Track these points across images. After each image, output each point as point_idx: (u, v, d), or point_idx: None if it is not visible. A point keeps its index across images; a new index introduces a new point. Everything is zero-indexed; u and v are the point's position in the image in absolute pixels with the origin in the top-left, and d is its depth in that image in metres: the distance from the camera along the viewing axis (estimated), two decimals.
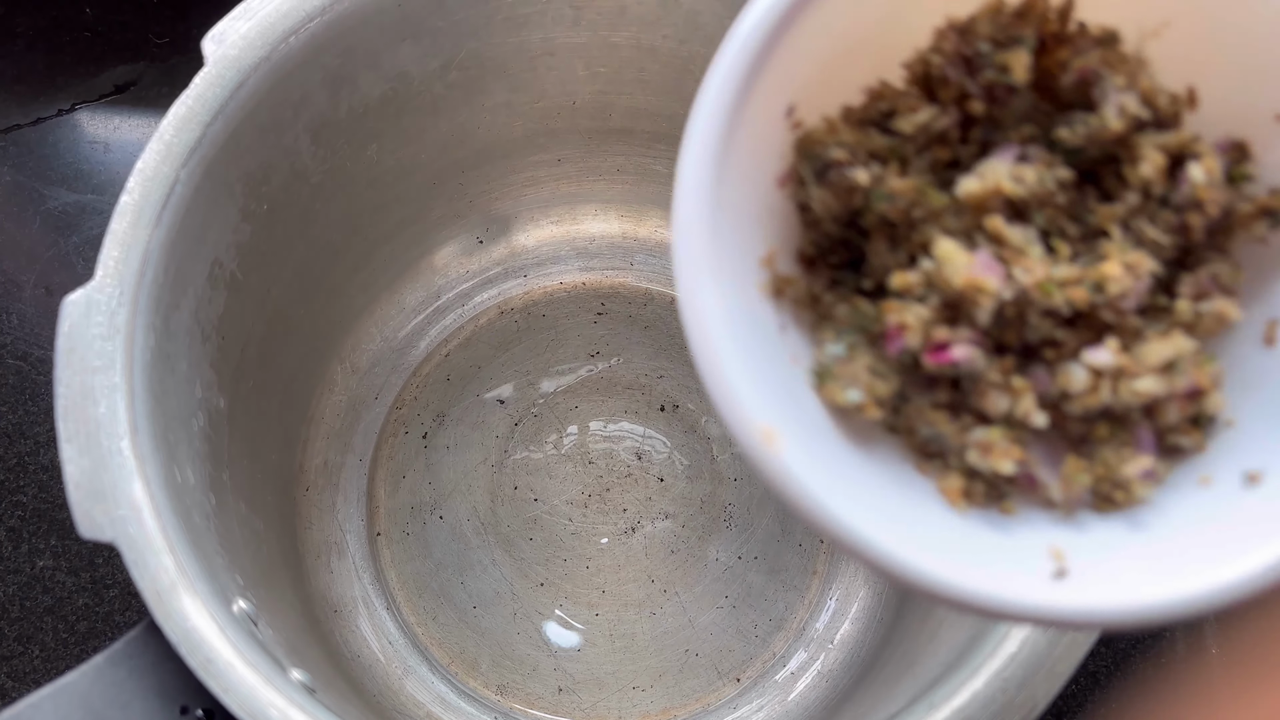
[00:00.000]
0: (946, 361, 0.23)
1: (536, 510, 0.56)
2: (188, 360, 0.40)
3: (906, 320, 0.24)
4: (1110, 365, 0.23)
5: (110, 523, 0.34)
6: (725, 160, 0.23)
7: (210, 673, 0.33)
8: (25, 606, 0.55)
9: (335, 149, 0.46)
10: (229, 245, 0.43)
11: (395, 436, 0.57)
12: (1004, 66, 0.24)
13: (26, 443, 0.58)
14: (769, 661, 0.54)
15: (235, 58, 0.40)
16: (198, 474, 0.40)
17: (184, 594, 0.34)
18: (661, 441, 0.57)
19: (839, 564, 0.55)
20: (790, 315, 0.26)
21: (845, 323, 0.25)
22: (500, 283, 0.60)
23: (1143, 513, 0.24)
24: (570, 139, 0.55)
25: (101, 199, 0.64)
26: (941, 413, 0.25)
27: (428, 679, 0.53)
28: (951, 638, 0.40)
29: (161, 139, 0.39)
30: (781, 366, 0.25)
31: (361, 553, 0.55)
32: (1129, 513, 0.24)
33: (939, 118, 0.25)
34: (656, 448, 0.57)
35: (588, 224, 0.61)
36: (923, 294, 0.24)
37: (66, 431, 0.35)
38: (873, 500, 0.24)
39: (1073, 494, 0.24)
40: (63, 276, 0.61)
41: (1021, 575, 0.23)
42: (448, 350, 0.59)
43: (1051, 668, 0.33)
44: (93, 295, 0.37)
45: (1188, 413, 0.24)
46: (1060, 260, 0.24)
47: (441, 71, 0.47)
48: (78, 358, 0.36)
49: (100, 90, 0.66)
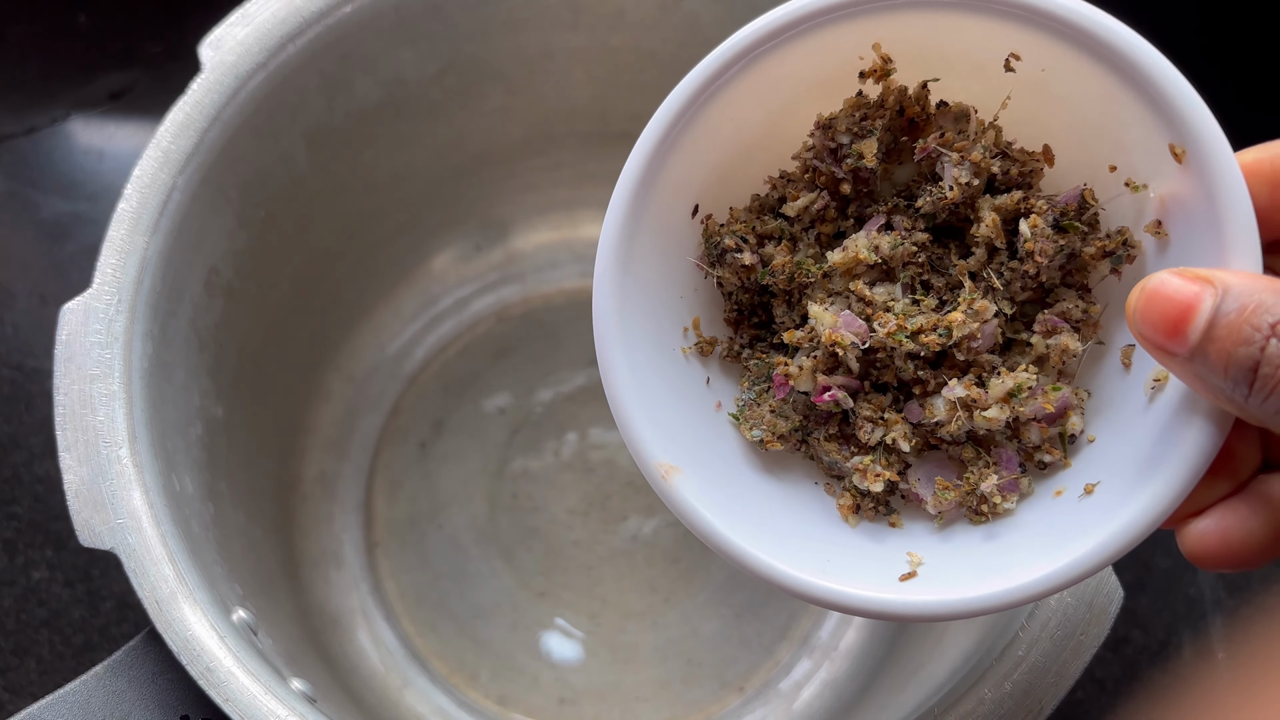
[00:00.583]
0: (829, 400, 0.29)
1: (536, 519, 0.55)
2: (185, 368, 0.40)
3: (791, 371, 0.30)
4: (962, 398, 0.28)
5: (109, 531, 0.34)
6: (631, 256, 0.29)
7: (211, 681, 0.32)
8: (21, 619, 0.54)
9: (332, 155, 0.46)
10: (226, 252, 0.42)
11: (393, 446, 0.57)
12: (859, 154, 0.29)
13: (21, 453, 0.57)
14: (773, 670, 0.53)
15: (232, 64, 0.40)
16: (196, 483, 0.40)
17: (184, 603, 0.33)
18: None
19: None
20: (717, 369, 0.32)
21: (754, 373, 0.31)
22: (498, 289, 0.60)
23: (1001, 524, 0.29)
24: (568, 143, 0.54)
25: (96, 207, 0.63)
26: (834, 443, 0.30)
27: (427, 690, 0.52)
28: (957, 643, 0.40)
29: (159, 146, 0.39)
30: (705, 412, 0.31)
31: (359, 563, 0.54)
32: (991, 524, 0.29)
33: (816, 200, 0.30)
34: None
35: (586, 229, 0.60)
36: (809, 347, 0.30)
37: (65, 440, 0.35)
38: (762, 519, 0.29)
39: (944, 508, 0.29)
40: (57, 285, 0.61)
41: (874, 579, 0.28)
42: (445, 358, 0.59)
43: (1058, 673, 0.33)
44: (91, 303, 0.36)
45: (1049, 434, 0.29)
46: (925, 309, 0.29)
47: (439, 76, 0.47)
48: (76, 366, 0.35)
49: (94, 98, 0.66)
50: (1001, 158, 0.29)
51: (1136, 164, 0.28)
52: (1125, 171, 0.28)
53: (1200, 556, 0.26)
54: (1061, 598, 0.34)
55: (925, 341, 0.28)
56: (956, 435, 0.29)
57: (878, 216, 0.30)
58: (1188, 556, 0.26)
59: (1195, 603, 0.56)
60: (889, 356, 0.29)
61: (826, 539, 0.30)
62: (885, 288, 0.29)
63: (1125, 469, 0.27)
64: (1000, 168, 0.29)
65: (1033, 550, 0.28)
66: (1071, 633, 0.34)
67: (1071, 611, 0.34)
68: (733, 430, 0.31)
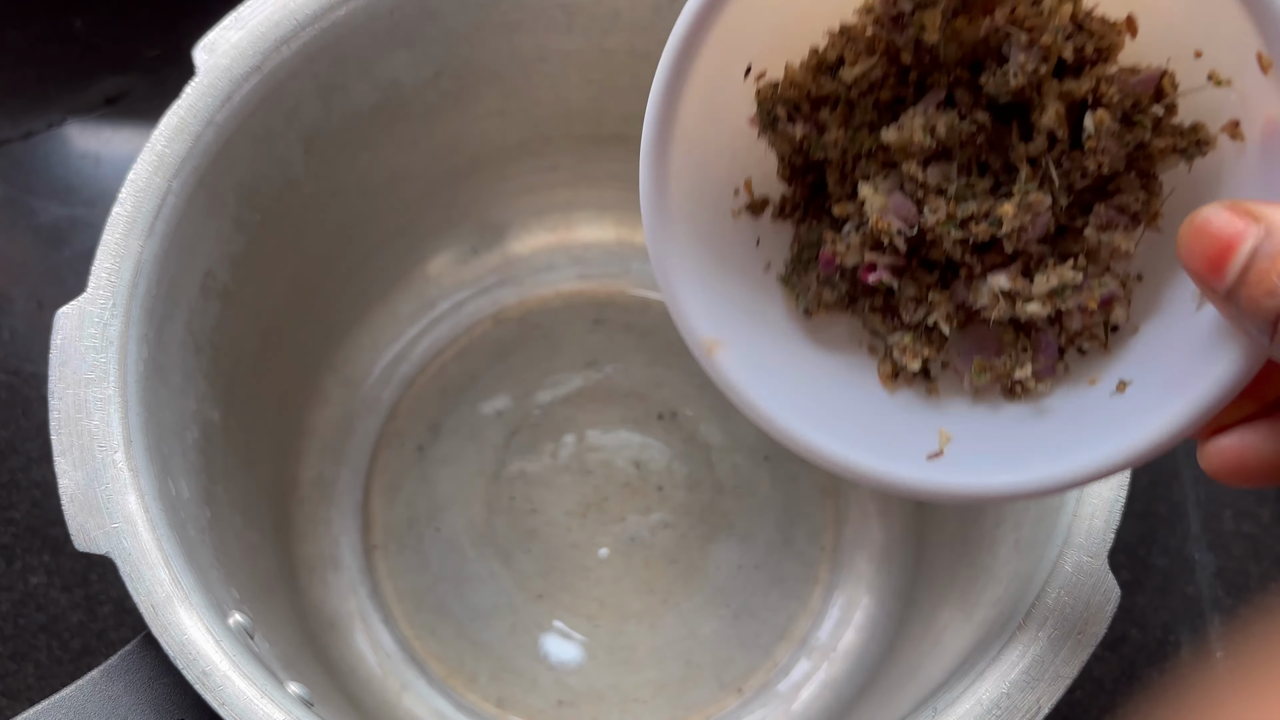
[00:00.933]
0: (874, 280, 0.29)
1: (534, 521, 0.55)
2: (181, 372, 0.40)
3: (839, 250, 0.29)
4: (1006, 289, 0.28)
5: (105, 536, 0.34)
6: (679, 118, 0.28)
7: (207, 685, 0.32)
8: (19, 624, 0.54)
9: (328, 158, 0.46)
10: (222, 256, 0.42)
11: (390, 449, 0.57)
12: (921, 25, 0.28)
13: (18, 458, 0.57)
14: (771, 672, 0.53)
15: (227, 67, 0.40)
16: (192, 487, 0.40)
17: (180, 607, 0.33)
18: (660, 450, 0.57)
19: (841, 572, 0.55)
20: (769, 229, 0.31)
21: (803, 240, 0.31)
22: (495, 291, 0.60)
23: (1032, 407, 0.30)
24: (564, 145, 0.54)
25: (93, 212, 0.63)
26: (878, 314, 0.31)
27: (426, 693, 0.52)
28: (955, 644, 0.40)
29: (153, 149, 0.39)
30: (753, 276, 0.31)
31: (357, 566, 0.54)
32: (1023, 405, 0.30)
33: (875, 67, 0.29)
34: (655, 456, 0.57)
35: (583, 231, 0.60)
36: (858, 221, 0.29)
37: (60, 445, 0.35)
38: (801, 389, 0.30)
39: (980, 386, 0.30)
40: (54, 290, 0.61)
41: (904, 455, 0.29)
42: (442, 361, 0.59)
43: (1056, 672, 0.33)
44: (85, 307, 0.36)
45: (1092, 322, 0.29)
46: (979, 193, 0.28)
47: (434, 79, 0.47)
48: (70, 370, 0.35)
49: (90, 103, 0.66)
50: (1077, 31, 0.27)
51: (1223, 58, 0.26)
52: (1210, 61, 0.26)
53: (1216, 471, 0.27)
54: (1059, 596, 0.34)
55: (975, 230, 0.28)
56: (1000, 320, 0.29)
57: (937, 90, 0.29)
58: (1205, 468, 0.27)
59: (1193, 601, 0.56)
60: (938, 238, 0.29)
61: (864, 409, 0.31)
62: (940, 168, 0.29)
63: (1162, 373, 0.27)
64: (1075, 45, 0.27)
65: (1058, 441, 0.28)
66: (1069, 632, 0.34)
67: (1069, 610, 0.34)
68: (779, 294, 0.31)
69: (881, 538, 0.55)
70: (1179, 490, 0.58)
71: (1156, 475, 0.58)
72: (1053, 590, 0.34)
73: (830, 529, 0.56)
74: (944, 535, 0.48)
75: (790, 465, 0.57)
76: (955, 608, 0.43)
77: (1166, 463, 0.59)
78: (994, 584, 0.39)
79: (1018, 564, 0.38)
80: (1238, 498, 0.58)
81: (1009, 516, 0.41)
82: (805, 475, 0.57)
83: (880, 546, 0.55)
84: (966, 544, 0.44)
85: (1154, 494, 0.55)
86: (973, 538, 0.44)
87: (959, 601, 0.42)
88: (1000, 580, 0.39)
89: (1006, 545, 0.40)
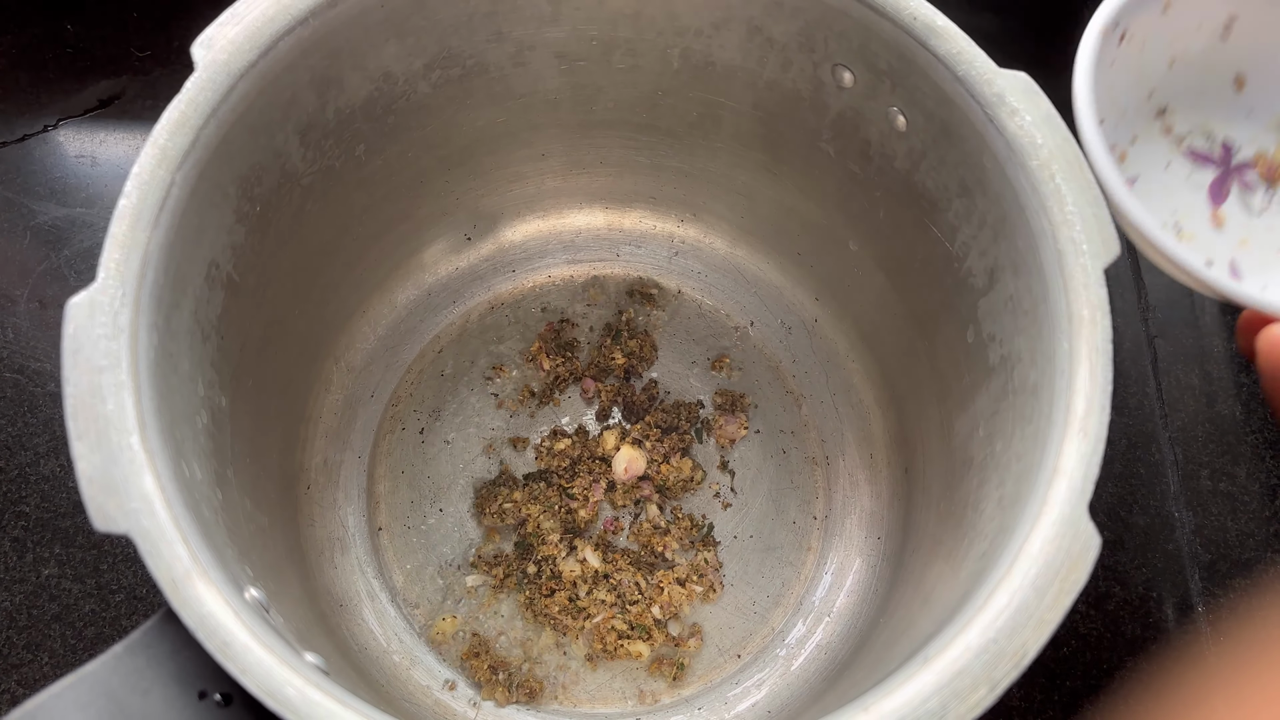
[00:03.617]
0: None
1: None
2: (189, 359, 0.41)
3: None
4: None
5: (123, 515, 0.35)
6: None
7: (228, 655, 0.33)
8: (32, 615, 0.55)
9: (324, 150, 0.47)
10: (224, 246, 0.43)
11: (393, 433, 0.58)
12: None
13: (27, 454, 0.58)
14: (768, 637, 0.55)
15: (225, 62, 0.41)
16: (204, 470, 0.41)
17: (198, 580, 0.34)
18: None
19: (833, 539, 0.56)
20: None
21: None
22: (489, 278, 0.61)
23: None
24: (553, 133, 0.55)
25: (90, 212, 0.64)
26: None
27: (434, 667, 0.53)
28: (944, 599, 0.41)
29: (156, 143, 0.40)
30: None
31: (364, 547, 0.55)
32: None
33: None
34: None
35: (573, 218, 0.62)
36: None
37: (76, 429, 0.36)
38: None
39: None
40: (56, 289, 0.62)
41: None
42: (440, 346, 0.60)
43: (1040, 617, 0.35)
44: (96, 297, 0.37)
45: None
46: None
47: (425, 71, 0.48)
48: (84, 358, 0.36)
49: (84, 105, 0.67)
50: None
51: None
52: None
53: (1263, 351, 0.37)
54: (1043, 546, 0.35)
55: None
56: None
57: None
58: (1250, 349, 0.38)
59: (1174, 558, 0.58)
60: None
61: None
62: None
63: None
64: None
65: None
66: (1052, 579, 0.35)
67: (1051, 559, 0.35)
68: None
69: (870, 504, 0.56)
70: (1157, 452, 0.60)
71: (1135, 437, 0.60)
72: (1035, 541, 0.36)
73: (821, 498, 0.57)
74: (930, 498, 0.50)
75: (780, 438, 0.58)
76: (943, 564, 0.44)
77: (1145, 425, 0.60)
78: (980, 540, 0.41)
79: (1002, 519, 0.39)
80: (1214, 457, 0.60)
81: (993, 475, 0.42)
82: (795, 448, 0.58)
83: (869, 513, 0.56)
84: (952, 504, 0.46)
85: (1133, 455, 0.57)
86: (958, 498, 0.45)
87: (947, 559, 0.44)
88: (985, 535, 0.40)
89: (991, 502, 0.41)
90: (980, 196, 0.42)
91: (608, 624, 0.53)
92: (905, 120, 0.45)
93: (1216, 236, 0.46)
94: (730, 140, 0.54)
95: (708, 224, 0.61)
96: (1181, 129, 0.48)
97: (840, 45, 0.45)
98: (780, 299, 0.61)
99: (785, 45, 0.47)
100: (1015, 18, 0.71)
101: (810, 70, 0.47)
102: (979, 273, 0.44)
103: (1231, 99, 0.48)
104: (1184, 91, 0.47)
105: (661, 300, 0.61)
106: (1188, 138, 0.48)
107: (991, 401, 0.44)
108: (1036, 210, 0.39)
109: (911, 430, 0.54)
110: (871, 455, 0.57)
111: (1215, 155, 0.48)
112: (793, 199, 0.55)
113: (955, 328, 0.47)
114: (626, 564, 0.55)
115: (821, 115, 0.49)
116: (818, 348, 0.60)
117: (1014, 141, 0.40)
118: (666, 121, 0.54)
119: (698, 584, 0.55)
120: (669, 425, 0.58)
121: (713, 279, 0.62)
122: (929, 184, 0.45)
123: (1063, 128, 0.40)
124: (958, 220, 0.45)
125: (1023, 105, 0.40)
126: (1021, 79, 0.40)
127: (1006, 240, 0.42)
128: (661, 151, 0.57)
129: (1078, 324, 0.37)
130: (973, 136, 0.41)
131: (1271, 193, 0.47)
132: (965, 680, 0.34)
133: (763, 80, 0.49)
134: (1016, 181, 0.40)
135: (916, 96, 0.43)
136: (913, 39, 0.42)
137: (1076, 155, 0.39)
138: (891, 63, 0.43)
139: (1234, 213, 0.47)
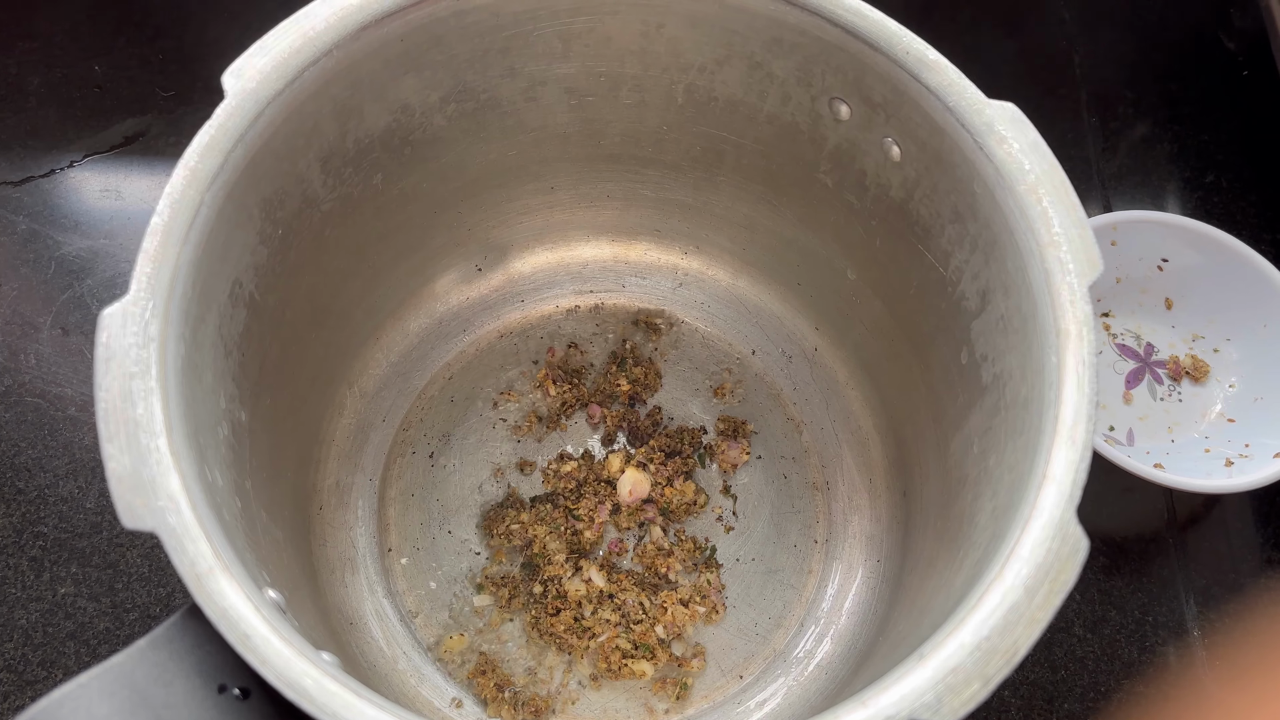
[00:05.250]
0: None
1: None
2: (213, 371, 0.43)
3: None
4: None
5: (150, 513, 0.36)
6: None
7: (248, 647, 0.35)
8: (48, 632, 0.56)
9: (343, 178, 0.49)
10: (248, 266, 0.45)
11: (403, 456, 0.59)
12: None
13: (46, 475, 0.60)
14: (770, 658, 0.55)
15: (253, 90, 0.43)
16: (224, 478, 0.42)
17: (221, 576, 0.36)
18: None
19: (833, 562, 0.57)
20: None
21: None
22: (499, 308, 0.63)
23: None
24: (562, 167, 0.57)
25: (113, 244, 0.66)
26: None
27: (442, 686, 0.54)
28: (939, 607, 0.42)
29: (187, 164, 0.42)
30: None
31: (374, 568, 0.56)
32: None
33: None
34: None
35: (581, 249, 0.63)
36: None
37: (107, 431, 0.37)
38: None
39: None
40: (78, 317, 0.64)
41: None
42: (451, 373, 0.62)
43: (1031, 616, 0.36)
44: (128, 307, 0.39)
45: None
46: None
47: (440, 104, 0.50)
48: (116, 364, 0.38)
49: (110, 142, 0.69)
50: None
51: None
52: None
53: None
54: (1033, 548, 0.37)
55: None
56: None
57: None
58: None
59: (1169, 583, 0.59)
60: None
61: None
62: None
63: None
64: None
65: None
66: (1042, 580, 0.36)
67: (1042, 560, 0.36)
68: None
69: (870, 528, 0.58)
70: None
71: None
72: (1026, 543, 0.37)
73: (822, 522, 0.58)
74: (928, 519, 0.51)
75: (782, 463, 0.60)
76: (939, 579, 0.45)
77: None
78: (974, 550, 0.42)
79: (994, 528, 0.40)
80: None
81: (986, 488, 0.43)
82: (796, 473, 0.59)
83: (869, 536, 0.58)
84: (948, 522, 0.47)
85: (1129, 482, 0.58)
86: (954, 515, 0.47)
87: (942, 573, 0.45)
88: (979, 545, 0.41)
89: (984, 514, 0.42)
90: (971, 221, 0.44)
91: (612, 643, 0.54)
92: (900, 150, 0.47)
93: (1124, 410, 0.62)
94: (732, 173, 0.56)
95: (710, 256, 0.63)
96: (1117, 328, 0.65)
97: (837, 79, 0.47)
98: (781, 328, 0.62)
99: (784, 80, 0.49)
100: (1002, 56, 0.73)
101: (808, 104, 0.49)
102: (972, 295, 0.46)
103: (1161, 314, 0.65)
104: (1124, 302, 0.65)
105: (665, 329, 0.63)
106: (1121, 335, 0.65)
107: (985, 418, 0.45)
108: (1025, 232, 0.41)
109: (910, 454, 0.55)
110: (871, 480, 0.59)
111: (1140, 351, 0.64)
112: (792, 230, 0.57)
113: (950, 350, 0.48)
114: (631, 584, 0.56)
115: (819, 147, 0.51)
116: (818, 376, 0.61)
117: (1003, 167, 0.42)
118: (671, 155, 0.56)
119: (700, 605, 0.56)
120: (672, 450, 0.59)
121: (715, 309, 0.63)
122: (923, 211, 0.47)
123: (1049, 154, 0.42)
124: (951, 245, 0.46)
125: (1011, 133, 0.42)
126: (1009, 109, 0.42)
127: (997, 263, 0.43)
128: (666, 185, 0.59)
129: (1064, 339, 0.39)
130: (964, 164, 0.43)
131: (1174, 387, 0.63)
132: (959, 676, 0.35)
133: (763, 114, 0.51)
134: (1005, 205, 0.42)
135: (910, 127, 0.45)
136: (905, 72, 0.44)
137: (1062, 180, 0.41)
138: (886, 95, 0.45)
139: (1141, 395, 0.63)
